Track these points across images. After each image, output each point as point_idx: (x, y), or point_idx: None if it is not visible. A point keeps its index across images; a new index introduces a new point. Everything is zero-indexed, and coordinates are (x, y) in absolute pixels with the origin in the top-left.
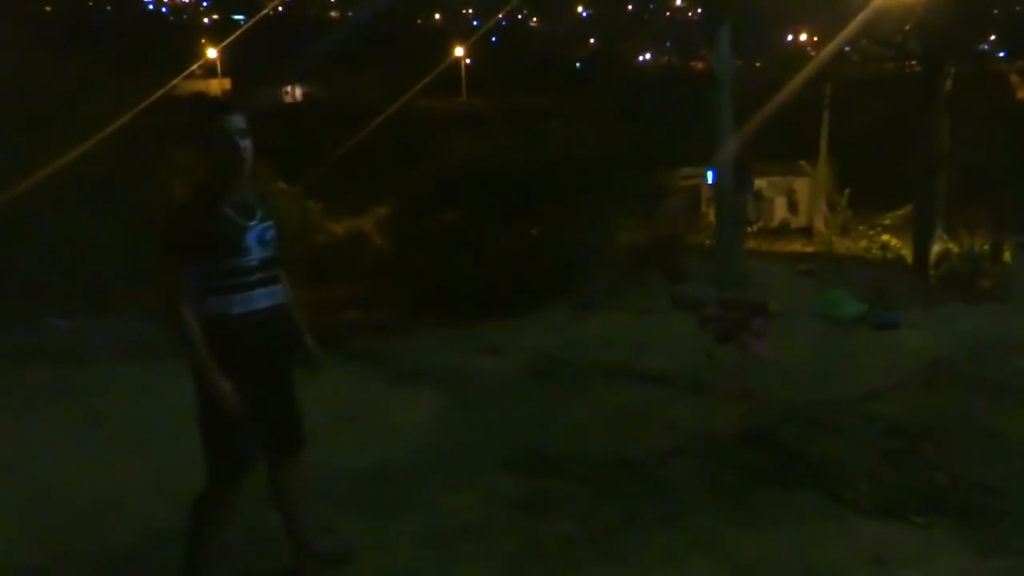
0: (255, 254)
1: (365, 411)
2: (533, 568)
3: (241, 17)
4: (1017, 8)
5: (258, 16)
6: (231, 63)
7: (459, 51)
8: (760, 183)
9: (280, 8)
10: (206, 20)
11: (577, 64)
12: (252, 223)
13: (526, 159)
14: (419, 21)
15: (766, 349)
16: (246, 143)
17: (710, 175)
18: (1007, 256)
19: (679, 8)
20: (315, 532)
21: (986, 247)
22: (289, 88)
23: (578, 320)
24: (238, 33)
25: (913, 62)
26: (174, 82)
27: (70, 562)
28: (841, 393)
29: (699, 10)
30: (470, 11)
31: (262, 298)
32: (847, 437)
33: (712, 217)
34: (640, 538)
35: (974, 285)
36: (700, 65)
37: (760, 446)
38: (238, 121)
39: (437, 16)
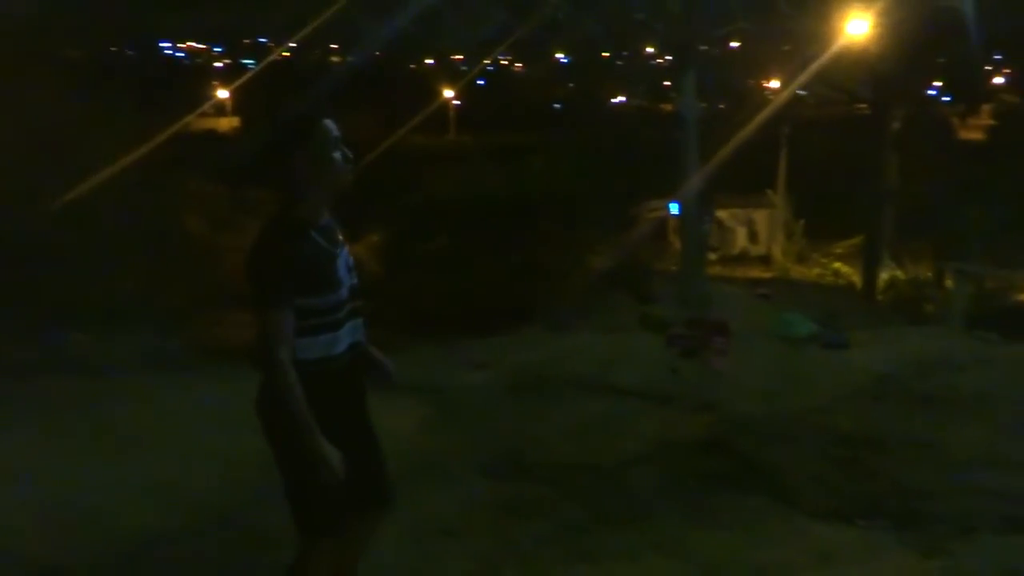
0: (345, 284)
1: None
2: (507, 566)
3: (250, 61)
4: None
5: (265, 61)
6: (240, 103)
7: (448, 93)
8: (722, 214)
9: (286, 53)
10: (218, 64)
11: (556, 105)
12: (340, 249)
13: (508, 191)
14: (412, 66)
15: (726, 365)
16: (346, 152)
17: (675, 207)
18: (948, 282)
19: (650, 55)
20: None
21: (930, 274)
22: None
23: (554, 338)
24: (247, 77)
25: (863, 105)
26: (187, 119)
27: (72, 562)
28: (794, 406)
29: (668, 57)
30: (459, 57)
31: (349, 334)
32: (798, 446)
33: (678, 245)
34: (606, 538)
35: (918, 309)
36: (668, 107)
37: (719, 454)
38: (334, 128)
39: (429, 61)
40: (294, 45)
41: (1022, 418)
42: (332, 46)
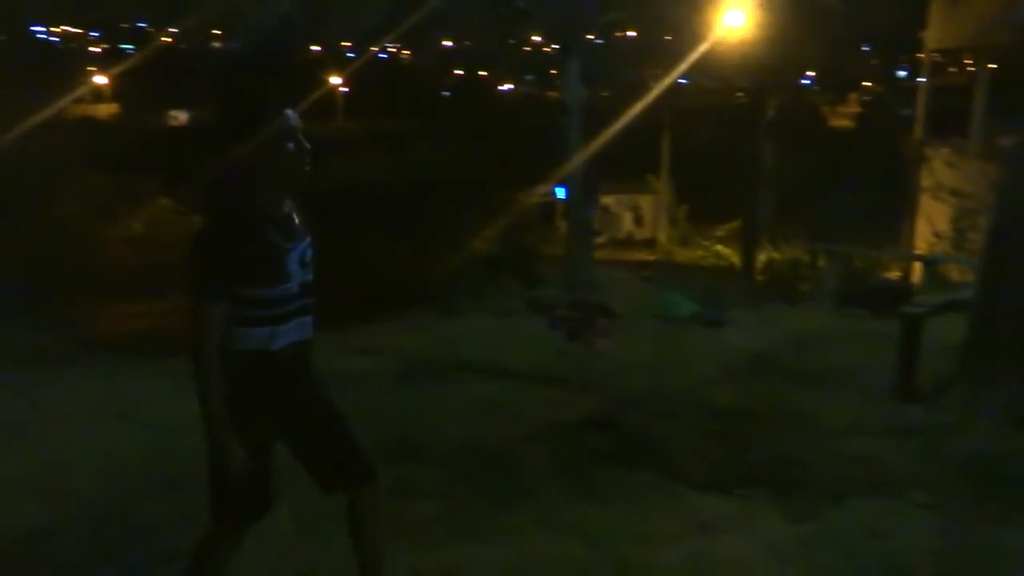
0: (296, 279)
1: None
2: (398, 546)
3: (130, 47)
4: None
5: (152, 47)
6: (119, 89)
7: (335, 80)
8: (609, 200)
9: (167, 39)
10: (95, 49)
11: (445, 92)
12: (293, 243)
13: (397, 177)
14: (298, 51)
15: (610, 346)
16: (308, 145)
17: (561, 192)
18: (821, 262)
19: (536, 43)
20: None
21: (805, 255)
22: (174, 113)
23: (442, 323)
24: (127, 62)
25: (740, 94)
26: (62, 105)
27: None
28: (676, 383)
29: (553, 45)
30: (347, 44)
31: (295, 330)
32: (680, 421)
33: (565, 229)
34: (495, 516)
35: (794, 288)
36: (555, 94)
37: (604, 431)
38: (293, 116)
39: (316, 48)
40: (175, 31)
41: (887, 388)
42: (215, 32)
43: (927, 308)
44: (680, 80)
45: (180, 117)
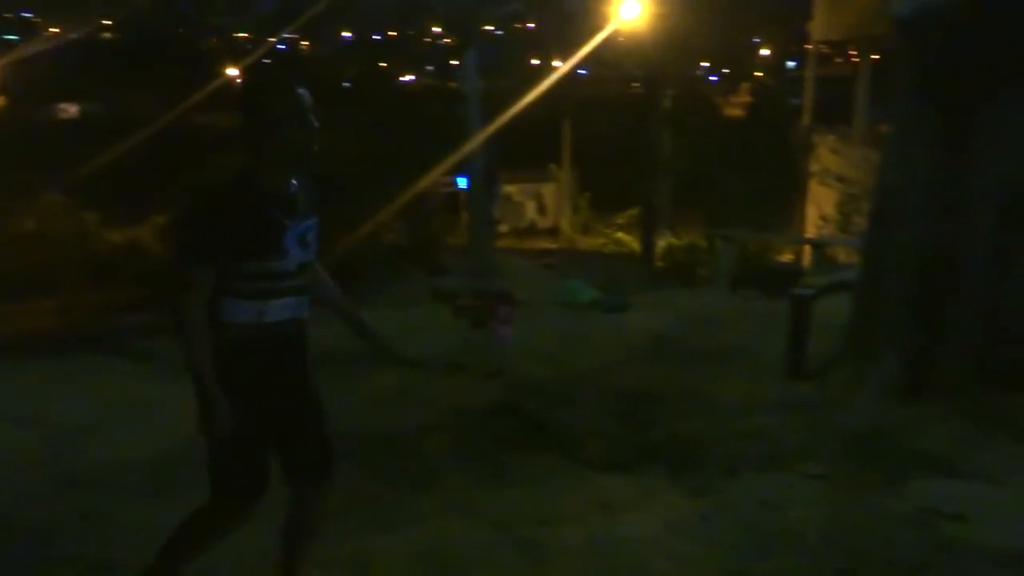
0: (293, 256)
1: (142, 407)
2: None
3: (15, 37)
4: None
5: (32, 36)
6: (6, 81)
7: (233, 72)
8: (511, 189)
9: (55, 29)
10: None
11: (345, 83)
12: (293, 221)
13: None
14: (193, 43)
15: (512, 333)
16: (316, 124)
17: (463, 181)
18: (717, 247)
19: (436, 34)
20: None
21: (702, 240)
22: (65, 105)
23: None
24: (11, 54)
25: (636, 84)
26: None
27: None
28: (578, 367)
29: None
30: (244, 35)
31: (287, 308)
32: (582, 404)
33: (467, 219)
34: (400, 505)
35: (692, 273)
36: (455, 85)
37: (508, 417)
38: (306, 95)
39: (213, 40)
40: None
41: (779, 366)
42: (105, 22)
43: (815, 289)
44: (580, 71)
45: (70, 110)
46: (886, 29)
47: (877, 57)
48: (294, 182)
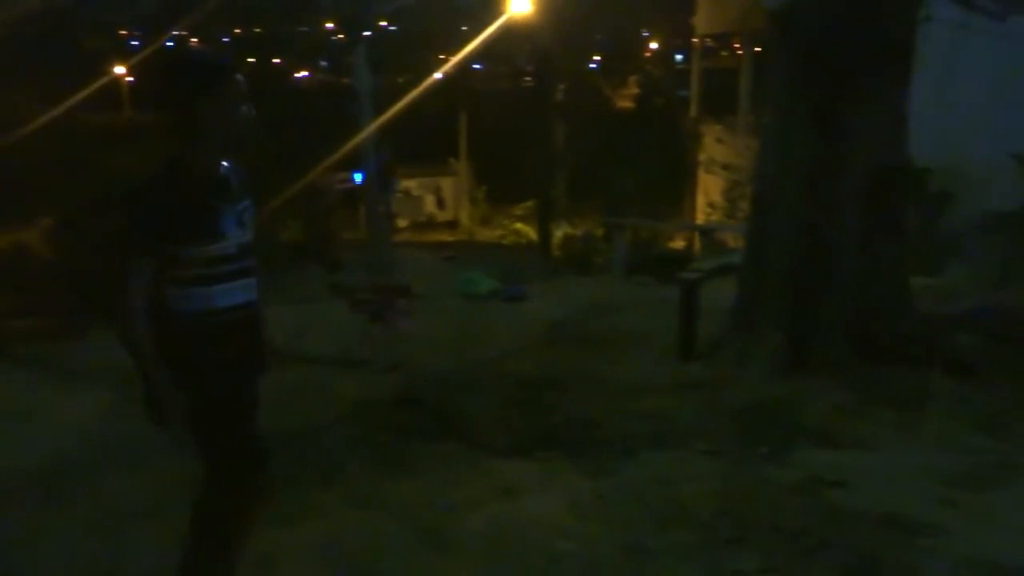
0: (232, 239)
1: (34, 412)
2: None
3: None
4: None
5: None
6: None
7: (120, 69)
8: (410, 183)
9: None
10: None
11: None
12: (229, 204)
13: None
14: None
15: (411, 325)
16: (251, 107)
17: (359, 177)
18: (611, 235)
19: (329, 30)
20: None
21: (597, 229)
22: None
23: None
24: None
25: (528, 78)
26: None
27: None
28: (477, 357)
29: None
30: (127, 32)
31: (238, 292)
32: (482, 393)
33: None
34: (305, 498)
35: (588, 261)
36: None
37: (409, 409)
38: (243, 81)
39: (97, 37)
40: None
41: (671, 348)
42: None
43: (702, 273)
44: (475, 66)
45: None
46: (763, 22)
47: (759, 49)
48: (224, 164)
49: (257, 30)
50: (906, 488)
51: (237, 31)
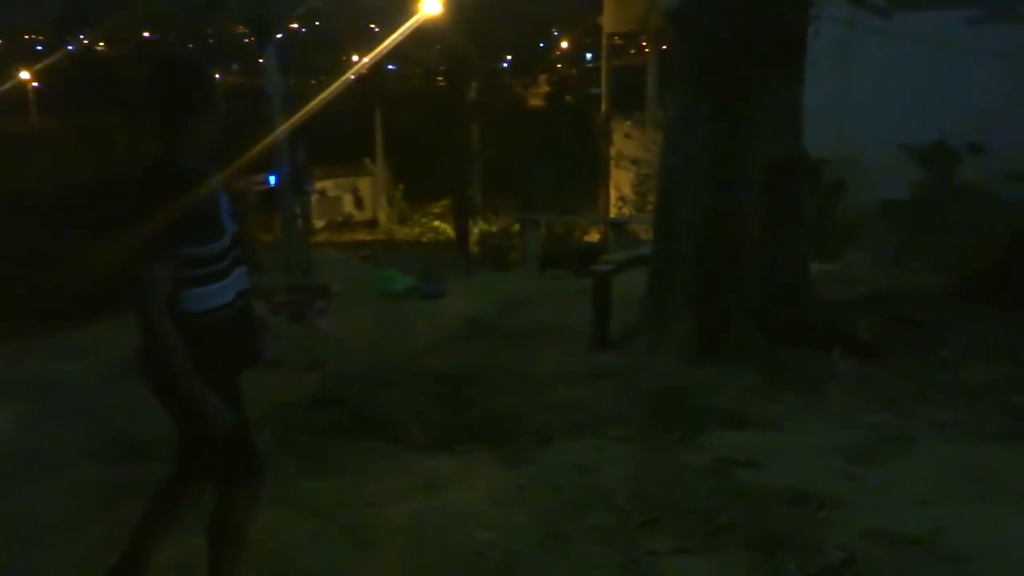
0: (229, 230)
1: None
2: (119, 545)
3: None
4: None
5: None
6: None
7: (24, 74)
8: (327, 183)
9: None
10: None
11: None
12: (221, 196)
13: (99, 173)
14: None
15: (329, 325)
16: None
17: (273, 179)
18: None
19: (241, 32)
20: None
21: (514, 225)
22: None
23: None
24: None
25: (441, 78)
26: None
27: None
28: (396, 354)
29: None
30: (33, 36)
31: (235, 282)
32: (401, 389)
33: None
34: None
35: (505, 257)
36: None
37: (330, 408)
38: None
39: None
40: None
41: (586, 339)
42: None
43: (613, 265)
44: (389, 66)
45: None
46: (663, 21)
47: (665, 47)
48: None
49: (167, 34)
50: (811, 465)
51: (146, 34)
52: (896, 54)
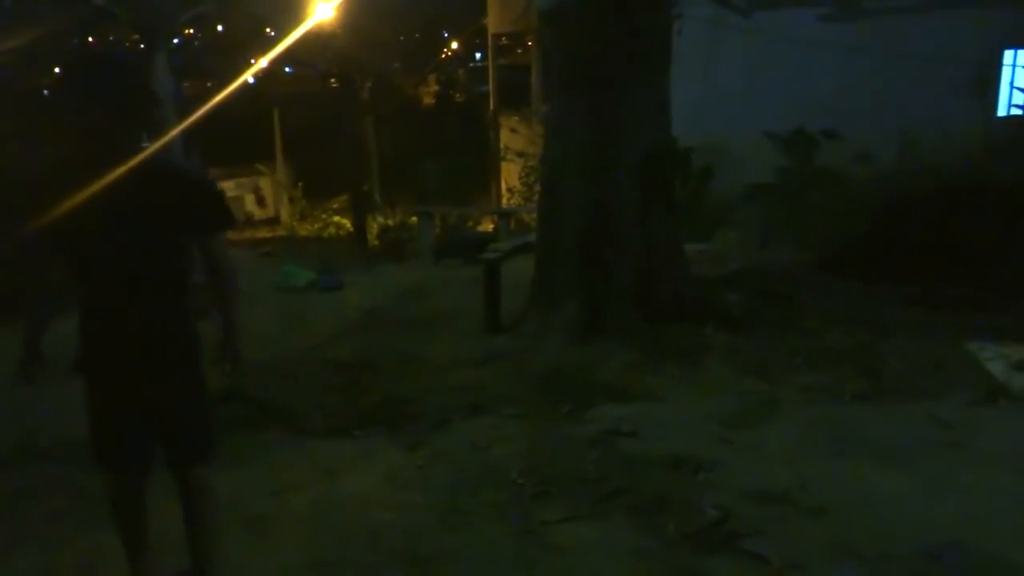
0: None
1: None
2: (24, 546)
3: None
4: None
5: None
6: None
7: None
8: (228, 184)
9: None
10: None
11: (44, 91)
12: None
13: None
14: None
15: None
16: None
17: None
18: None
19: (135, 40)
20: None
21: (412, 219)
22: None
23: (62, 319)
24: None
25: (334, 79)
26: None
27: None
28: (297, 347)
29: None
30: None
31: None
32: (303, 380)
33: None
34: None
35: (403, 249)
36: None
37: (232, 402)
38: None
39: None
40: None
41: (479, 325)
42: None
43: (501, 253)
44: (286, 68)
45: None
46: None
47: (540, 46)
48: None
49: (57, 44)
50: (689, 432)
51: (32, 48)
52: (757, 49)
